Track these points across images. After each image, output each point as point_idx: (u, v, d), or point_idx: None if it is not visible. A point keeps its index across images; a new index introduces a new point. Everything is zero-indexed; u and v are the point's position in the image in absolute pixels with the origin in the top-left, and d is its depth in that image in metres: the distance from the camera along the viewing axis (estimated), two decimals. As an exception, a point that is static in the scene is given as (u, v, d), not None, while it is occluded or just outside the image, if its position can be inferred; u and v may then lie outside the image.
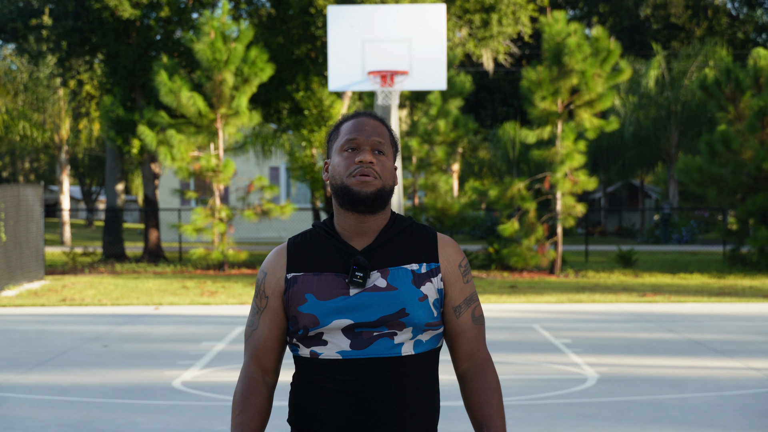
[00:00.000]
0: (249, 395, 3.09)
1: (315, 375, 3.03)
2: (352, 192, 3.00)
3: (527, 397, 9.96)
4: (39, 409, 9.56)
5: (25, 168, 62.55)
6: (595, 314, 17.28)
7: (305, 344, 3.05)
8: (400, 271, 3.02)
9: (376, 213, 3.05)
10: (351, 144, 3.05)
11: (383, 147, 3.06)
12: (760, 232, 25.12)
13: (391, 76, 20.83)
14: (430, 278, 3.04)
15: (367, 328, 2.98)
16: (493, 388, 3.10)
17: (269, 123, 31.56)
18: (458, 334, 3.11)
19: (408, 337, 3.01)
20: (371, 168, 3.02)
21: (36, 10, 29.63)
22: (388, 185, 3.04)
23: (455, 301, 3.09)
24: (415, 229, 3.11)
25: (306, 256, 3.07)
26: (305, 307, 3.01)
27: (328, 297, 2.99)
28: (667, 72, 44.44)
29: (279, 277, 3.08)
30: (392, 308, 2.98)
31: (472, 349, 3.12)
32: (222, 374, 11.46)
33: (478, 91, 52.53)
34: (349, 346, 2.99)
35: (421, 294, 3.01)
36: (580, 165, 24.83)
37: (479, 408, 3.08)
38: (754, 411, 9.40)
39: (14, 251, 22.21)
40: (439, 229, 31.01)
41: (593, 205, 57.86)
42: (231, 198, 38.54)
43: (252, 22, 29.85)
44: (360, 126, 3.07)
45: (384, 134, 3.09)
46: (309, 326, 3.00)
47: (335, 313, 2.99)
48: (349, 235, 3.06)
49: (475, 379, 3.10)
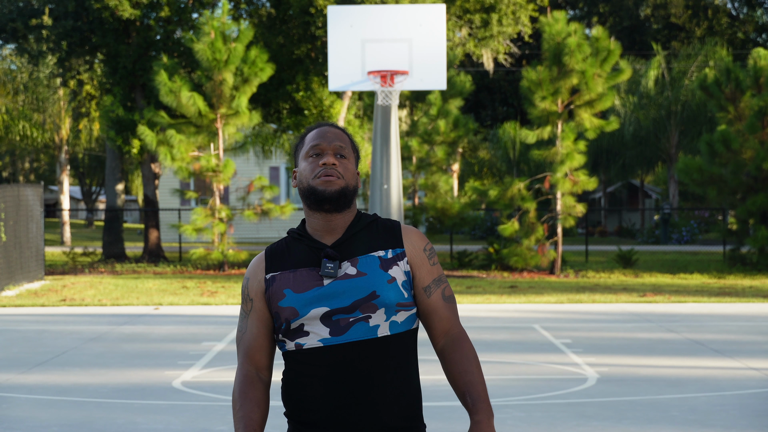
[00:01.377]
0: (246, 390, 3.29)
1: (301, 365, 3.23)
2: (318, 191, 3.25)
3: (527, 397, 9.96)
4: (39, 409, 9.56)
5: (25, 168, 62.55)
6: (595, 314, 17.29)
7: (289, 338, 3.25)
8: (368, 259, 3.25)
9: (341, 211, 3.28)
10: (315, 150, 3.30)
11: (345, 151, 3.31)
12: (760, 232, 25.12)
13: (391, 76, 20.82)
14: (396, 262, 3.27)
15: (343, 314, 3.20)
16: (471, 358, 3.30)
17: (269, 123, 31.55)
18: (432, 312, 3.32)
19: (382, 318, 3.22)
20: (334, 169, 3.26)
21: (36, 10, 29.63)
22: (350, 185, 3.28)
23: (424, 282, 3.31)
24: (380, 223, 3.35)
25: (282, 257, 3.31)
26: (284, 301, 3.23)
27: (304, 289, 3.23)
28: (667, 72, 44.44)
29: (259, 279, 3.31)
30: (363, 292, 3.20)
31: (447, 324, 3.32)
32: (222, 374, 11.46)
33: (478, 91, 52.53)
34: (328, 333, 3.20)
35: (389, 276, 3.24)
36: (580, 165, 24.83)
37: (460, 377, 3.28)
38: (754, 411, 9.40)
39: (14, 251, 22.21)
40: (438, 229, 31.02)
41: (593, 205, 57.86)
42: (231, 198, 38.54)
43: (252, 22, 29.84)
44: (322, 134, 3.32)
45: (345, 140, 3.33)
46: (290, 318, 3.22)
47: (312, 303, 3.21)
48: (319, 234, 3.30)
49: (453, 351, 3.30)
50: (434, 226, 30.77)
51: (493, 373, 11.26)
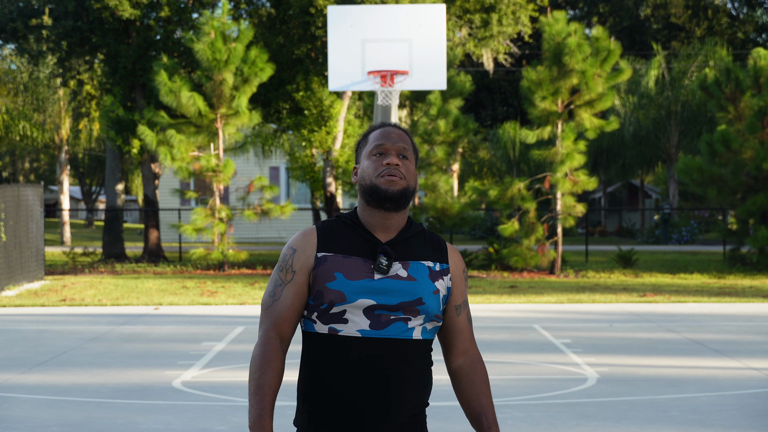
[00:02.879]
0: (270, 358, 3.33)
1: (332, 351, 3.31)
2: (381, 190, 3.33)
3: (527, 397, 9.96)
4: (39, 409, 9.56)
5: (25, 168, 62.55)
6: (595, 314, 17.28)
7: (324, 321, 3.33)
8: (419, 266, 3.37)
9: (399, 211, 3.37)
10: (379, 149, 3.39)
11: (407, 153, 3.41)
12: (760, 232, 25.11)
13: (391, 76, 20.82)
14: (442, 276, 3.41)
15: (386, 311, 3.30)
16: (487, 381, 3.49)
17: (269, 123, 31.55)
18: (458, 331, 3.47)
19: (419, 323, 3.34)
20: (397, 169, 3.36)
21: (36, 10, 29.63)
22: (411, 186, 3.38)
23: (457, 301, 3.46)
24: (427, 234, 3.47)
25: (335, 239, 3.37)
26: (334, 284, 3.30)
27: (356, 277, 3.30)
28: (667, 72, 44.43)
29: (309, 255, 3.35)
30: (411, 296, 3.32)
31: (468, 345, 3.49)
32: (222, 374, 11.45)
33: (478, 91, 52.52)
34: (368, 326, 3.30)
35: (435, 288, 3.37)
36: (580, 165, 24.82)
37: (477, 399, 3.46)
38: (754, 411, 9.40)
39: (14, 251, 22.21)
40: (438, 230, 31.01)
41: (593, 205, 57.85)
42: (231, 198, 38.53)
43: (252, 22, 29.84)
44: (387, 134, 3.41)
45: (407, 142, 3.43)
46: (335, 301, 3.29)
47: (361, 293, 3.29)
48: (373, 229, 3.38)
49: (473, 372, 3.47)
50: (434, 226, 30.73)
51: (493, 373, 11.26)
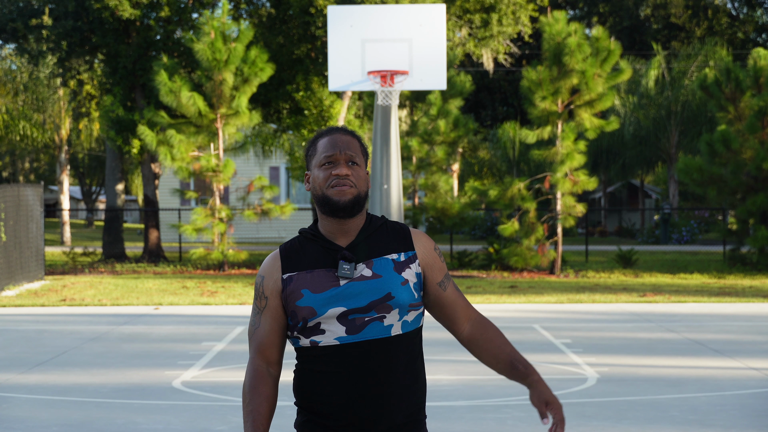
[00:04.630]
0: (257, 385, 3.43)
1: (316, 361, 3.40)
2: (332, 201, 3.41)
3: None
4: (39, 409, 9.56)
5: (25, 168, 62.54)
6: (595, 314, 17.28)
7: (305, 335, 3.41)
8: (382, 261, 3.43)
9: (354, 216, 3.45)
10: (328, 159, 3.45)
11: (356, 158, 3.46)
12: (760, 232, 25.11)
13: (391, 76, 20.82)
14: (408, 265, 3.45)
15: (359, 314, 3.37)
16: (502, 334, 3.58)
17: (269, 123, 31.54)
18: (451, 303, 3.54)
19: (396, 318, 3.40)
20: (347, 179, 3.42)
21: (36, 10, 29.62)
22: (362, 191, 3.45)
23: (438, 278, 3.52)
24: (389, 226, 3.52)
25: (297, 257, 3.46)
26: (302, 301, 3.38)
27: (322, 290, 3.38)
28: (667, 72, 44.43)
29: (276, 279, 3.45)
30: (379, 293, 3.38)
31: (467, 311, 3.57)
32: (222, 374, 11.45)
33: (478, 91, 52.52)
34: (344, 332, 3.37)
35: (403, 279, 3.42)
36: (580, 165, 24.82)
37: (501, 349, 3.53)
38: (754, 411, 9.40)
39: (14, 251, 22.21)
40: (438, 229, 31.00)
41: (593, 205, 57.85)
42: (231, 198, 38.53)
43: (252, 22, 29.84)
44: (334, 142, 3.46)
45: (356, 147, 3.48)
46: (307, 317, 3.37)
47: (329, 303, 3.36)
48: (333, 236, 3.46)
49: (485, 331, 3.55)
50: (434, 226, 30.73)
51: (493, 373, 11.26)
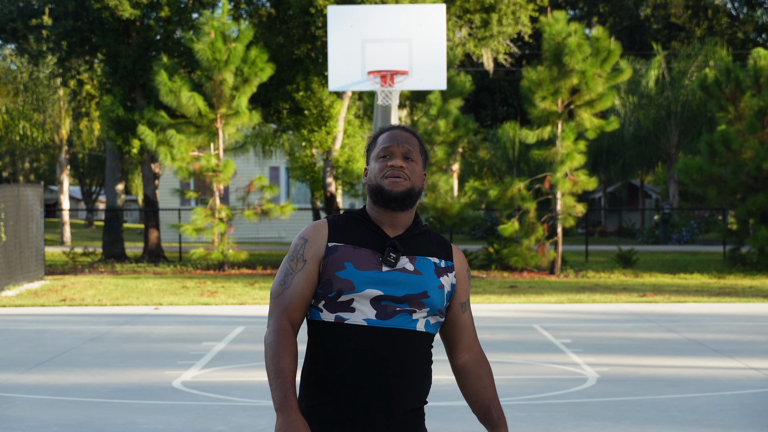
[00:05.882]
0: (285, 343, 3.44)
1: (337, 339, 3.44)
2: (385, 191, 3.49)
3: (527, 397, 9.96)
4: (39, 409, 9.56)
5: (25, 168, 62.55)
6: (595, 314, 17.28)
7: (331, 309, 3.46)
8: (425, 261, 3.52)
9: (405, 210, 3.53)
10: (385, 152, 3.54)
11: (413, 155, 3.55)
12: (760, 232, 25.11)
13: (391, 76, 20.82)
14: (447, 272, 3.56)
15: (392, 302, 3.44)
16: (492, 376, 3.66)
17: (269, 123, 31.54)
18: (463, 327, 3.62)
19: (423, 316, 3.48)
20: (402, 171, 3.51)
21: (36, 10, 29.62)
22: (416, 186, 3.53)
23: (462, 298, 3.61)
24: (432, 234, 3.63)
25: (346, 231, 3.52)
26: (343, 273, 3.44)
27: (365, 268, 3.45)
28: (667, 72, 44.43)
29: (320, 245, 3.50)
30: (417, 289, 3.46)
31: (472, 342, 3.65)
32: (222, 374, 11.45)
33: (478, 91, 52.51)
34: (374, 315, 3.43)
35: (440, 283, 3.52)
36: (580, 165, 24.82)
37: (484, 392, 3.62)
38: (754, 411, 9.40)
39: (14, 251, 22.21)
40: (439, 229, 31.00)
41: (593, 205, 57.85)
42: (231, 198, 38.53)
43: (252, 22, 29.84)
44: (393, 136, 3.56)
45: (414, 144, 3.57)
46: (344, 290, 3.43)
47: (369, 283, 3.43)
48: (381, 224, 3.54)
49: (478, 367, 3.63)
50: (434, 226, 30.72)
51: (493, 373, 11.26)
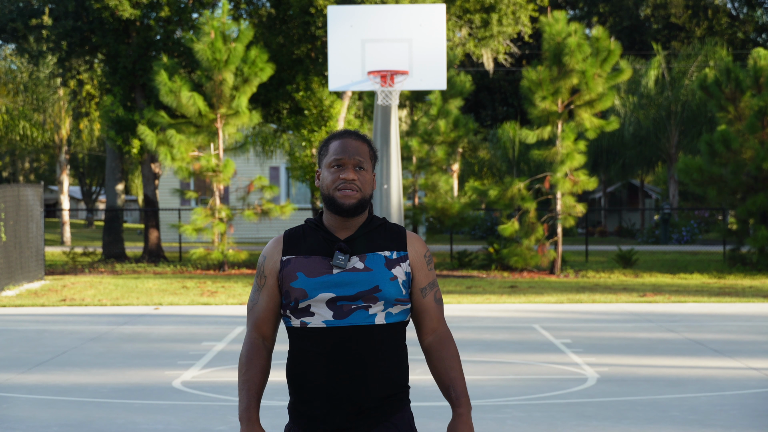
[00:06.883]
0: (252, 357, 3.76)
1: (304, 341, 3.69)
2: (337, 203, 3.69)
3: (527, 397, 9.96)
4: (39, 409, 9.56)
5: (25, 168, 62.54)
6: (595, 314, 17.28)
7: (296, 315, 3.70)
8: (375, 256, 3.71)
9: (356, 216, 3.73)
10: (337, 162, 3.72)
11: (364, 164, 3.73)
12: (760, 232, 25.11)
13: (391, 76, 20.82)
14: (399, 263, 3.72)
15: (347, 301, 3.65)
16: (455, 356, 3.79)
17: (269, 123, 31.53)
18: (424, 311, 3.78)
19: (380, 309, 3.67)
20: (353, 183, 3.70)
21: (36, 10, 29.62)
22: (367, 195, 3.73)
23: (421, 284, 3.77)
24: (388, 226, 3.79)
25: (298, 242, 3.75)
26: (296, 283, 3.68)
27: (316, 274, 3.67)
28: (667, 72, 44.42)
29: (275, 260, 3.76)
30: (368, 285, 3.65)
31: (436, 324, 3.79)
32: (222, 374, 11.45)
33: (478, 91, 52.51)
34: (332, 316, 3.65)
35: (392, 275, 3.69)
36: (580, 165, 24.82)
37: (446, 373, 3.76)
38: (754, 411, 9.40)
39: (14, 251, 22.21)
40: (438, 229, 31.00)
41: (593, 205, 57.85)
42: (231, 198, 38.53)
43: (252, 22, 29.83)
44: (345, 147, 3.73)
45: (364, 152, 3.75)
46: (299, 298, 3.67)
47: (320, 288, 3.65)
48: (334, 229, 3.74)
49: (440, 349, 3.77)
50: (434, 226, 30.74)
51: (493, 373, 11.27)
